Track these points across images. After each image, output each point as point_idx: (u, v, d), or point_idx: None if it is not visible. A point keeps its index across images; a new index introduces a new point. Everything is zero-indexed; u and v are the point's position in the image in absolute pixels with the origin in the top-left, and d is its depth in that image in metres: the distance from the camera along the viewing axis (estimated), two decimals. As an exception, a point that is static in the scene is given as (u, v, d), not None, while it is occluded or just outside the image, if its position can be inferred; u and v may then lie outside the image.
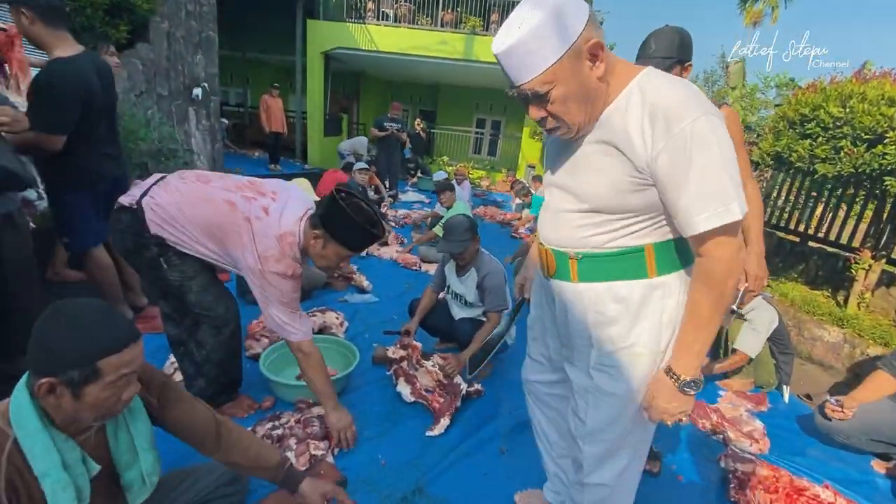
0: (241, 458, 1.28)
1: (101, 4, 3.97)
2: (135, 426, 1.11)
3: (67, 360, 0.89)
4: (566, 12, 0.84)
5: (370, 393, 2.25)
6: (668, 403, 1.00)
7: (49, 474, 0.94)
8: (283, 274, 1.63)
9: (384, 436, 1.95)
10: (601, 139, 0.96)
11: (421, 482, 1.73)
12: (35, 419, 0.93)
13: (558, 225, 1.08)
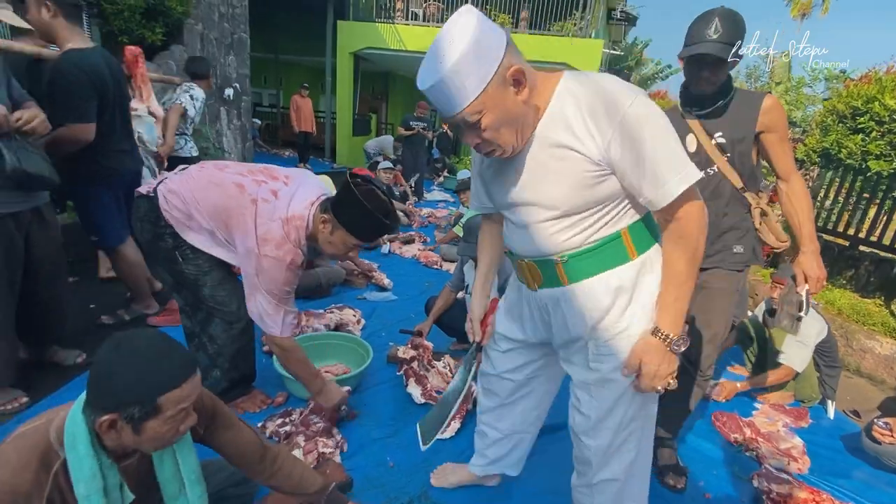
0: (285, 482, 1.27)
1: (137, 8, 4.12)
2: (181, 454, 1.09)
3: (129, 397, 0.88)
4: (485, 44, 0.87)
5: (382, 392, 2.21)
6: (658, 366, 1.02)
7: (90, 498, 0.94)
8: (280, 260, 1.54)
9: (393, 437, 1.91)
10: (550, 145, 0.99)
11: (427, 486, 1.67)
12: (87, 444, 0.93)
13: (532, 238, 1.09)
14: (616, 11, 13.01)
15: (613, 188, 0.99)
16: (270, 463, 1.25)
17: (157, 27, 4.36)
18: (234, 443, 1.22)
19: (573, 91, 0.96)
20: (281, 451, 1.30)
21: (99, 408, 0.90)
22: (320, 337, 2.44)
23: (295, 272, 1.61)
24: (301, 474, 1.29)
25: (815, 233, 1.64)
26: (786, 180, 1.59)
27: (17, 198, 1.61)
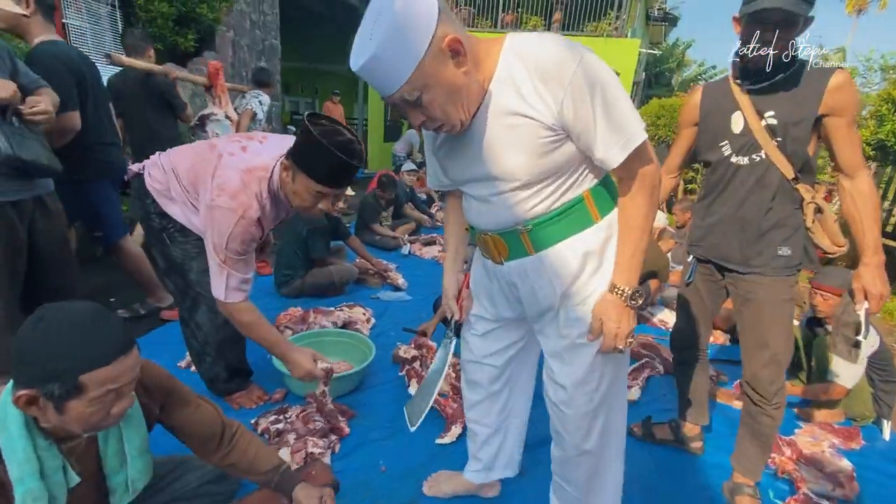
0: (239, 460, 1.21)
1: (170, 15, 4.28)
2: (127, 433, 1.05)
3: (47, 372, 0.82)
4: (413, 14, 0.80)
5: (383, 393, 2.13)
6: (617, 323, 1.01)
7: (24, 481, 0.89)
8: (231, 210, 1.42)
9: (389, 440, 1.82)
10: (502, 114, 0.94)
11: (418, 494, 1.56)
12: (18, 424, 0.88)
13: (493, 210, 1.06)
14: (654, 10, 12.58)
15: (571, 152, 0.95)
16: (228, 441, 1.20)
17: (190, 34, 4.52)
18: (192, 421, 1.17)
19: (519, 53, 0.91)
20: (239, 427, 1.24)
21: (17, 382, 0.84)
22: (324, 334, 2.39)
23: (248, 229, 1.47)
24: (256, 452, 1.23)
25: (881, 242, 1.39)
26: (850, 176, 1.35)
27: (16, 185, 1.60)
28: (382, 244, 4.46)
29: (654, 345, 2.79)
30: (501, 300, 1.22)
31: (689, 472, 1.83)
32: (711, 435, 2.04)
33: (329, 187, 1.44)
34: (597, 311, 1.03)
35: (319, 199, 1.47)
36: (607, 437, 1.17)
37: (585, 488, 1.22)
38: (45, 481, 0.92)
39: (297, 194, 1.47)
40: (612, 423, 1.17)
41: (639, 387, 2.31)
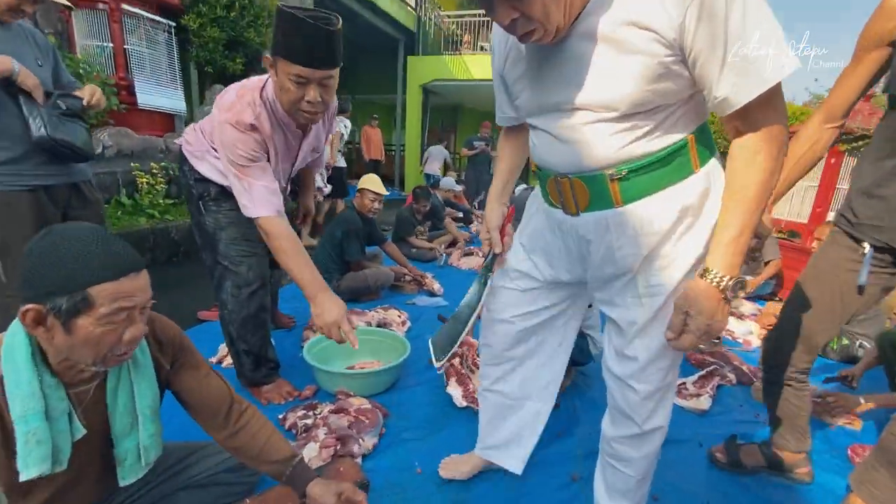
0: (248, 443, 1.10)
1: (220, 40, 4.54)
2: (139, 386, 0.97)
3: (54, 284, 0.76)
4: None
5: (420, 394, 1.96)
6: (709, 318, 0.80)
7: (27, 420, 0.81)
8: (232, 123, 1.41)
9: (425, 441, 1.64)
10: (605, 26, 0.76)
11: (459, 499, 1.37)
12: (25, 354, 0.82)
13: (581, 149, 0.87)
14: None
15: (686, 81, 0.78)
16: (236, 418, 1.10)
17: (238, 57, 4.77)
18: (200, 388, 1.08)
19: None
20: (250, 407, 1.14)
21: (25, 299, 0.77)
22: (358, 332, 2.26)
23: (245, 134, 1.43)
24: (267, 438, 1.11)
25: None
26: None
27: (50, 170, 1.59)
28: (419, 256, 4.36)
29: (723, 352, 2.49)
30: (563, 260, 1.06)
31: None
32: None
33: (306, 66, 1.32)
34: (681, 302, 0.83)
35: (302, 87, 1.36)
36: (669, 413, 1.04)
37: (644, 470, 1.09)
38: (50, 424, 0.84)
39: (282, 87, 1.38)
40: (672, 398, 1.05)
41: (709, 395, 2.03)
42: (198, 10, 4.34)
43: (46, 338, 0.81)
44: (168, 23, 4.26)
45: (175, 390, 1.08)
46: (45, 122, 1.53)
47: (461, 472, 1.43)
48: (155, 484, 1.17)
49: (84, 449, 0.93)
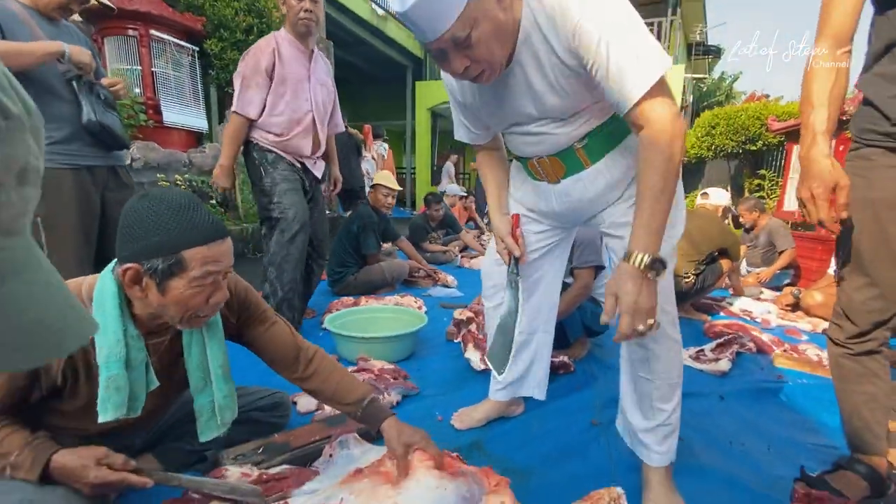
0: (320, 387, 1.15)
1: (240, 62, 4.81)
2: (210, 345, 1.03)
3: (151, 246, 0.83)
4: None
5: (437, 361, 2.00)
6: (635, 296, 0.86)
7: (109, 366, 0.88)
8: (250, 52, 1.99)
9: (445, 396, 1.67)
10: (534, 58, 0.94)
11: (481, 439, 1.39)
12: (114, 304, 0.88)
13: (548, 139, 1.06)
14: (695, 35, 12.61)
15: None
16: (304, 365, 1.14)
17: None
18: (266, 339, 1.13)
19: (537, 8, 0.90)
20: (318, 352, 1.17)
21: (123, 259, 0.85)
22: (377, 310, 2.33)
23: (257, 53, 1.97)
24: (339, 380, 1.14)
25: None
26: None
27: (93, 152, 1.70)
28: (433, 259, 4.42)
29: (743, 325, 2.48)
30: (551, 211, 1.21)
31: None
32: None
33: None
34: (609, 285, 0.90)
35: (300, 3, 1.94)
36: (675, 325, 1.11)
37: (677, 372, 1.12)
38: (129, 373, 0.90)
39: (288, 7, 1.97)
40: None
41: (728, 359, 2.02)
42: (219, 35, 4.62)
43: (140, 296, 0.87)
44: (192, 47, 4.54)
45: (244, 342, 1.14)
46: (93, 108, 1.67)
47: (475, 420, 1.47)
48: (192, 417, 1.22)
49: (154, 399, 0.99)
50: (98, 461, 0.88)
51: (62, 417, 0.96)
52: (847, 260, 1.10)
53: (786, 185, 5.20)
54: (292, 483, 1.05)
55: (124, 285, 0.87)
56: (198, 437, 1.06)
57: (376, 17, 9.10)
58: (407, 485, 0.92)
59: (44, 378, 0.87)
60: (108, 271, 0.91)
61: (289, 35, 2.03)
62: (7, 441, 0.86)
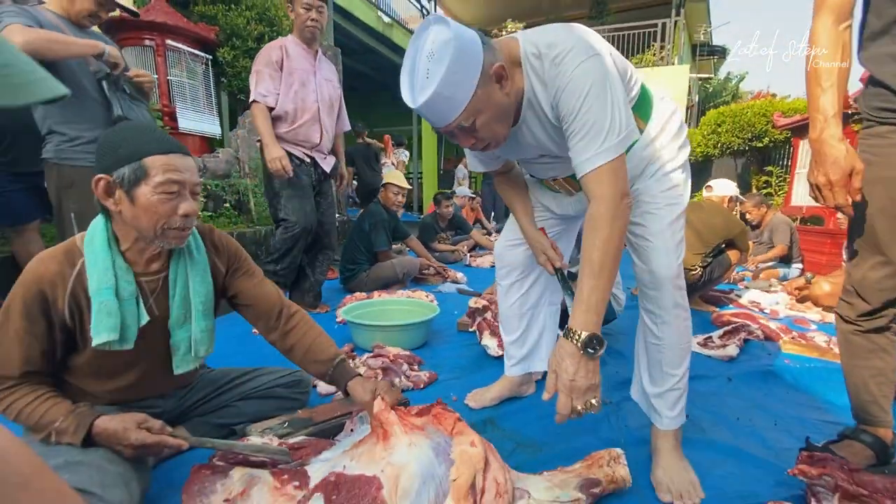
0: (297, 342, 1.22)
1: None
2: (193, 281, 1.09)
3: (118, 157, 0.94)
4: (465, 50, 0.88)
5: (452, 348, 2.05)
6: (572, 375, 0.86)
7: (101, 293, 0.96)
8: (266, 47, 2.25)
9: (460, 380, 1.73)
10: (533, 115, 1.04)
11: (494, 417, 1.44)
12: (102, 238, 0.98)
13: (555, 167, 1.19)
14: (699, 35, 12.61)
15: None
16: (286, 319, 1.23)
17: (268, 85, 5.15)
18: (254, 292, 1.21)
19: (534, 68, 0.98)
20: (299, 311, 1.27)
21: (97, 170, 0.95)
22: (390, 302, 2.39)
23: (268, 51, 2.22)
24: (314, 338, 1.23)
25: None
26: None
27: None
28: (442, 259, 4.48)
29: (751, 314, 2.51)
30: (563, 209, 1.35)
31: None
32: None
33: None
34: (550, 362, 0.91)
35: (308, 11, 2.22)
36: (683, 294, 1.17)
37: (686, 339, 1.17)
38: (119, 303, 0.97)
39: (296, 14, 2.25)
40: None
41: (735, 345, 2.05)
42: (232, 43, 4.75)
43: (116, 211, 0.97)
44: (206, 56, 4.67)
45: (233, 294, 1.21)
46: (121, 105, 1.77)
47: (487, 399, 1.53)
48: (221, 392, 1.30)
49: (155, 338, 1.07)
50: (138, 425, 0.95)
51: (88, 378, 1.04)
52: (861, 238, 1.10)
53: (793, 180, 5.21)
54: (311, 452, 1.11)
55: (99, 198, 0.96)
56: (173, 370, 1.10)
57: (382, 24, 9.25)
58: (395, 448, 0.94)
59: (54, 315, 0.95)
60: (99, 217, 1.01)
61: (295, 39, 2.31)
62: (53, 410, 0.94)
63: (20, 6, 1.62)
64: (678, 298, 1.13)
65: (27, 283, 0.94)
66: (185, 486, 0.94)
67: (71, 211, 1.73)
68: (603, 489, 1.00)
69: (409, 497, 0.83)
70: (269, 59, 2.20)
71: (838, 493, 0.91)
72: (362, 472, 0.89)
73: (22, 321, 0.93)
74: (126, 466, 0.94)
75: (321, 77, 2.37)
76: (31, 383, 0.95)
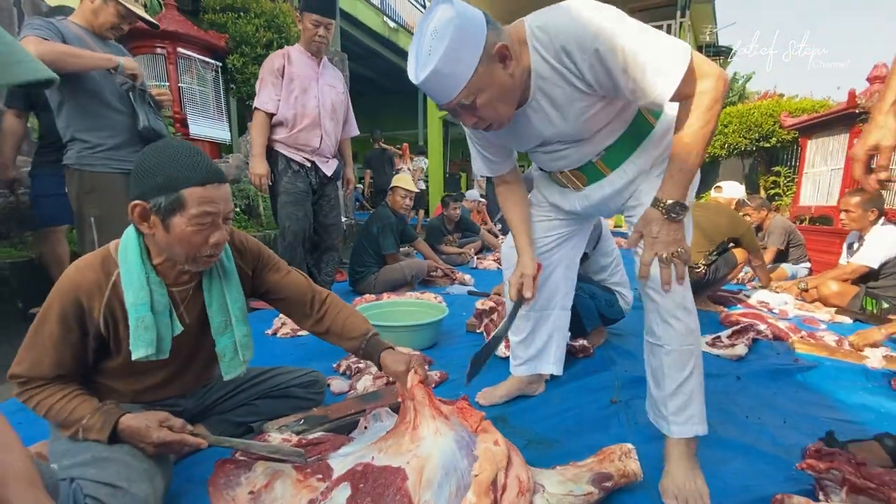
0: (332, 323, 1.26)
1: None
2: (229, 290, 1.13)
3: (156, 185, 0.93)
4: (467, 28, 0.90)
5: (460, 349, 2.07)
6: (656, 233, 1.02)
7: (137, 308, 0.99)
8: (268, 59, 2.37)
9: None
10: (549, 95, 1.04)
11: (504, 414, 1.47)
12: (136, 253, 1.00)
13: (567, 155, 1.18)
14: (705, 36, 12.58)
15: (620, 103, 1.09)
16: (319, 304, 1.26)
17: (276, 91, 5.22)
18: (284, 283, 1.24)
19: (542, 41, 0.99)
20: (330, 294, 1.30)
21: (133, 197, 0.96)
22: (399, 304, 2.42)
23: (272, 59, 2.34)
24: (347, 317, 1.26)
25: None
26: None
27: None
28: (449, 261, 4.51)
29: (759, 314, 2.51)
30: (572, 206, 1.33)
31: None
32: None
33: (318, 13, 2.32)
34: (638, 224, 1.06)
35: (315, 28, 2.33)
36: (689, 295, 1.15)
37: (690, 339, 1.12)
38: (154, 316, 1.01)
39: (304, 29, 2.37)
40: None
41: (744, 344, 2.06)
42: (241, 50, 4.84)
43: (150, 234, 0.99)
44: (216, 63, 4.75)
45: (264, 291, 1.25)
46: (146, 115, 1.83)
47: (497, 397, 1.55)
48: (239, 391, 1.33)
49: (185, 343, 1.11)
50: (160, 423, 0.99)
51: (117, 379, 1.07)
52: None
53: (801, 180, 5.19)
54: (329, 447, 1.14)
55: (135, 222, 0.98)
56: (222, 376, 1.13)
57: (388, 28, 9.34)
58: (421, 438, 0.98)
59: (90, 324, 0.98)
60: (132, 228, 1.02)
61: (301, 48, 2.42)
62: (80, 407, 0.97)
63: (45, 20, 1.68)
64: (680, 299, 1.11)
65: (65, 291, 0.97)
66: (211, 479, 0.98)
67: (91, 216, 1.78)
68: (615, 483, 1.01)
69: (432, 488, 0.86)
70: (272, 67, 2.31)
71: (846, 486, 0.92)
72: (389, 464, 0.91)
73: (58, 328, 0.96)
74: (150, 462, 0.98)
75: (323, 83, 2.44)
76: (60, 382, 0.99)
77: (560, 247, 1.44)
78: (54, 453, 0.99)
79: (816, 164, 4.89)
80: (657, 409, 1.19)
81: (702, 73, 0.95)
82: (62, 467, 0.94)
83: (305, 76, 2.37)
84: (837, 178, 4.38)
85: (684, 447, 1.13)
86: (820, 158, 4.83)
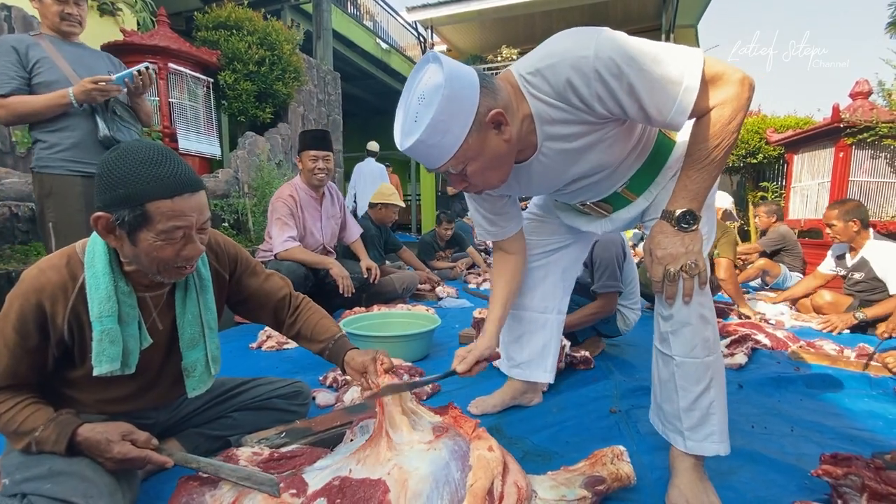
0: (304, 324, 1.22)
1: (252, 92, 5.00)
2: (203, 299, 1.05)
3: (118, 197, 0.83)
4: (455, 98, 0.82)
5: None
6: (666, 247, 0.93)
7: (102, 321, 0.90)
8: (281, 197, 2.60)
9: (462, 391, 1.67)
10: (557, 140, 0.97)
11: (500, 423, 1.39)
12: (103, 261, 0.91)
13: (591, 190, 1.14)
14: None
15: (637, 129, 1.04)
16: (296, 306, 1.23)
17: (267, 108, 5.21)
18: (263, 286, 1.19)
19: (536, 86, 0.91)
20: (304, 298, 1.27)
21: (97, 208, 0.86)
22: (391, 315, 2.35)
23: (284, 201, 2.59)
24: (318, 320, 1.22)
25: None
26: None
27: None
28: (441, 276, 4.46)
29: (756, 324, 2.47)
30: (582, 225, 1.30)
31: None
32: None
33: (314, 147, 2.62)
34: (646, 245, 0.97)
35: (314, 162, 2.62)
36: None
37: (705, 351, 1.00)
38: (122, 328, 0.92)
39: (304, 167, 2.65)
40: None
41: (744, 353, 2.01)
42: (233, 67, 4.84)
43: (116, 244, 0.90)
44: (207, 79, 4.75)
45: (242, 298, 1.18)
46: (107, 124, 1.78)
47: (489, 405, 1.49)
48: (217, 402, 1.24)
49: (156, 354, 1.02)
50: (123, 436, 0.89)
51: (80, 390, 0.98)
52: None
53: (789, 194, 5.24)
54: (304, 461, 1.05)
55: (99, 234, 0.88)
56: (187, 393, 1.06)
57: (381, 50, 9.48)
58: (401, 449, 0.90)
59: (52, 330, 0.89)
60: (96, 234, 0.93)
61: (304, 185, 2.70)
62: (32, 417, 0.88)
63: (10, 45, 1.65)
64: (697, 307, 0.99)
65: (26, 294, 0.87)
66: (171, 499, 0.89)
67: (49, 221, 1.70)
68: (608, 487, 0.96)
69: (419, 501, 0.78)
70: (290, 212, 2.58)
71: (866, 492, 0.86)
72: (367, 476, 0.84)
73: (14, 335, 0.87)
74: (112, 478, 0.88)
75: (325, 217, 2.82)
76: (12, 390, 0.90)
77: (561, 251, 1.41)
78: (7, 467, 0.89)
79: (803, 179, 4.96)
80: (670, 421, 1.07)
81: (721, 81, 0.85)
82: (14, 482, 0.85)
83: (310, 216, 2.72)
84: (825, 191, 4.43)
85: (693, 458, 1.04)
86: (807, 173, 4.90)
